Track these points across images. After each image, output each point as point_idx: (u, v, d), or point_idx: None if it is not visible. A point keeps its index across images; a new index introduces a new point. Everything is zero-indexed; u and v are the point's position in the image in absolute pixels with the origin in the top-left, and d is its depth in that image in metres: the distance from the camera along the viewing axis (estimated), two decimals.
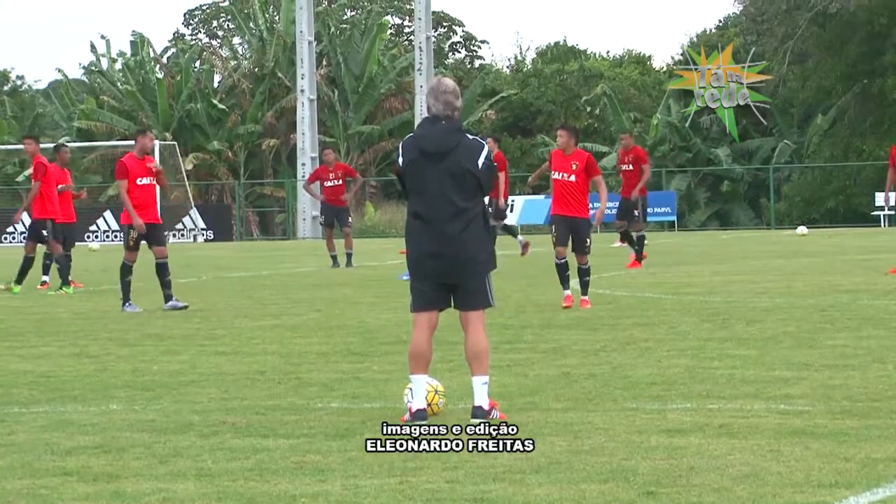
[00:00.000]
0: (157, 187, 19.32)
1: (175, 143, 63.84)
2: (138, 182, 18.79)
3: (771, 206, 59.89)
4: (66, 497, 7.06)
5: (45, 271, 23.94)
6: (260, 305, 19.22)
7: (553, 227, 17.37)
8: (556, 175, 17.28)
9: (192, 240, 58.20)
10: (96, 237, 55.82)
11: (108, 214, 57.29)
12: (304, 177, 56.19)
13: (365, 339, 14.21)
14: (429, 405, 9.09)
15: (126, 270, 18.79)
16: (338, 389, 10.64)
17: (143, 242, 18.93)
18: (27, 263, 22.76)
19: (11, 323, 17.32)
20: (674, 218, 57.33)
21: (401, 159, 9.21)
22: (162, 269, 18.85)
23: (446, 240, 9.08)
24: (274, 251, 43.54)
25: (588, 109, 70.09)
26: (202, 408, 9.90)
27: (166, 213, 58.08)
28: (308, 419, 9.24)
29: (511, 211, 57.76)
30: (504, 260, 30.63)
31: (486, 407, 8.98)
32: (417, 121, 60.78)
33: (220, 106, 69.61)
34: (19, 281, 22.66)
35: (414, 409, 8.98)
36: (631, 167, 26.60)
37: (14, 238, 58.50)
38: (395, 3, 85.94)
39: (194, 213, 59.48)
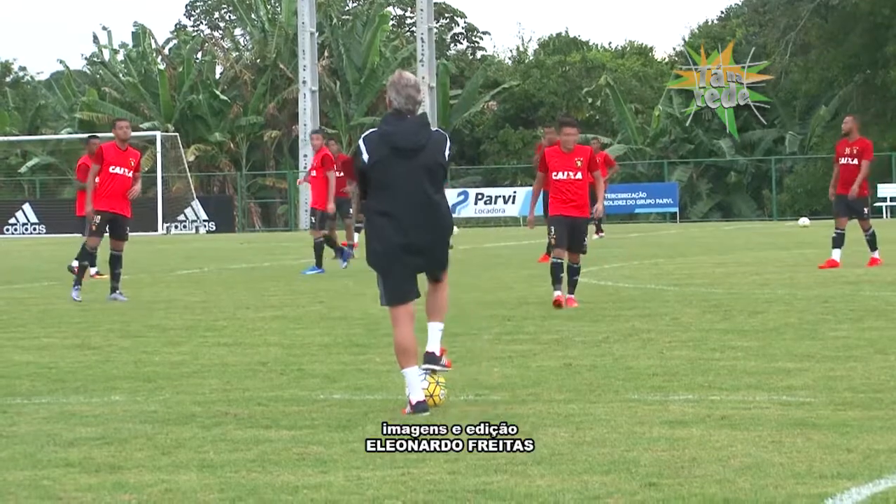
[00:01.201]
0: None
1: (177, 134, 63.86)
2: (111, 170, 18.92)
3: (773, 197, 59.89)
4: (68, 488, 7.06)
5: (93, 262, 24.35)
6: (262, 297, 19.22)
7: (553, 228, 16.46)
8: (559, 175, 16.32)
9: (194, 231, 58.20)
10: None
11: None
12: (305, 168, 56.17)
13: (367, 331, 14.21)
14: (430, 396, 9.10)
15: (85, 255, 18.91)
16: (340, 381, 10.64)
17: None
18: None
19: (14, 314, 17.33)
20: (676, 209, 57.33)
21: (366, 156, 9.15)
22: (114, 261, 19.03)
23: (419, 233, 9.17)
24: (277, 242, 43.54)
25: (590, 101, 70.13)
26: (204, 399, 9.90)
27: (168, 204, 58.26)
28: (310, 410, 9.25)
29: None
30: (505, 251, 30.59)
31: (438, 353, 9.26)
32: (419, 112, 60.80)
33: (222, 97, 69.61)
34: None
35: (414, 402, 8.99)
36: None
37: (16, 229, 58.54)
38: None
39: (196, 204, 59.49)
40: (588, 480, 6.93)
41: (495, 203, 57.97)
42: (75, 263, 24.41)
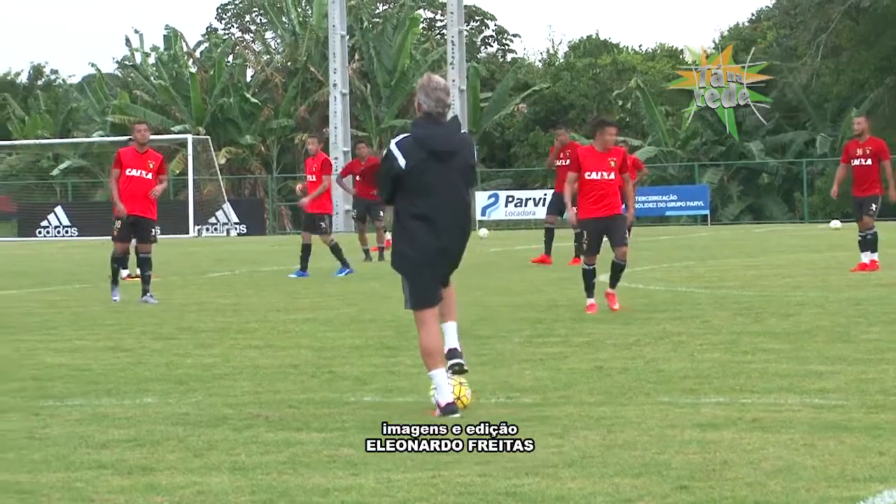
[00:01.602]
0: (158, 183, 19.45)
1: (208, 137, 64.02)
2: (127, 173, 19.03)
3: (804, 199, 59.71)
4: (101, 490, 7.10)
5: (124, 264, 24.75)
6: (293, 299, 19.26)
7: (585, 233, 16.14)
8: (592, 175, 15.94)
9: (225, 234, 58.35)
10: None
11: None
12: (336, 171, 56.24)
13: (398, 333, 14.22)
14: (457, 398, 9.12)
15: (114, 258, 19.17)
16: (371, 383, 10.66)
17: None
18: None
19: (46, 316, 17.41)
20: (707, 212, 57.24)
21: (402, 161, 9.19)
22: (143, 264, 19.18)
23: (453, 236, 9.27)
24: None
25: (620, 103, 70.03)
26: (236, 401, 9.93)
27: (200, 207, 58.39)
28: (341, 413, 9.27)
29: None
30: (535, 253, 30.54)
31: (459, 348, 9.38)
32: (449, 115, 60.78)
33: (253, 100, 69.80)
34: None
35: (443, 404, 9.01)
36: (569, 162, 25.93)
37: (48, 232, 58.80)
38: None
39: (227, 207, 59.65)
40: (619, 483, 6.93)
41: (525, 205, 57.98)
42: (127, 271, 24.74)
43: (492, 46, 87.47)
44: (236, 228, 58.66)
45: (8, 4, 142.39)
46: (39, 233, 58.84)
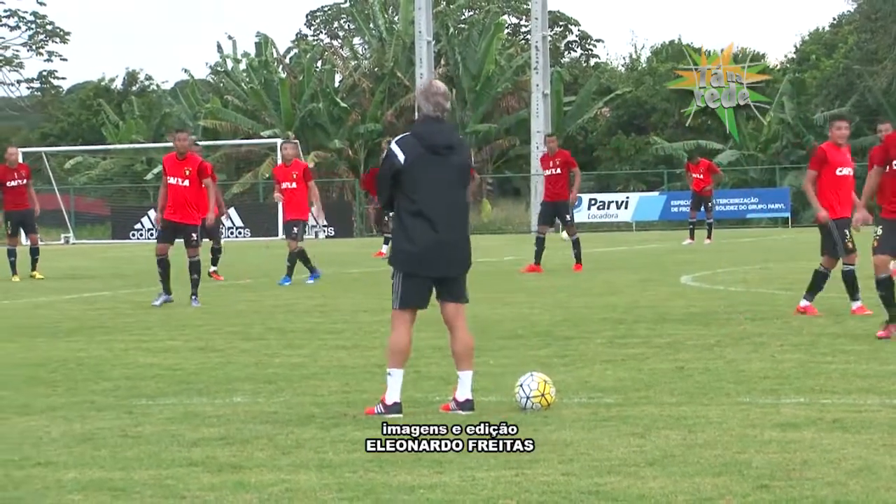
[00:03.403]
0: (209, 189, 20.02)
1: (297, 141, 64.45)
2: (169, 181, 19.42)
3: None
4: (191, 487, 7.23)
5: (214, 262, 25.76)
6: (379, 300, 19.40)
7: (845, 231, 15.48)
8: (842, 171, 15.94)
9: (313, 236, 58.76)
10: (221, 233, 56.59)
11: (231, 211, 57.99)
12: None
13: (481, 334, 14.30)
14: (542, 395, 9.28)
15: (157, 262, 19.59)
16: (455, 383, 10.76)
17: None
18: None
19: (139, 318, 17.69)
20: (788, 214, 56.84)
21: (401, 157, 9.35)
22: (190, 268, 19.56)
23: (451, 230, 9.37)
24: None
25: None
26: (323, 400, 10.08)
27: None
28: (426, 412, 9.39)
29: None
30: (616, 254, 30.49)
31: (471, 398, 9.41)
32: (534, 119, 60.89)
33: (341, 105, 70.11)
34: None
35: (390, 402, 9.28)
36: (559, 171, 25.71)
37: (141, 235, 59.41)
38: (513, 2, 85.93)
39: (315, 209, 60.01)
40: (700, 482, 6.99)
41: (608, 208, 57.97)
42: (213, 269, 25.26)
43: (575, 51, 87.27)
44: (325, 231, 59.02)
45: (103, 12, 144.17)
46: (133, 235, 59.45)
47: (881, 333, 13.03)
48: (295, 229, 24.07)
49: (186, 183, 19.37)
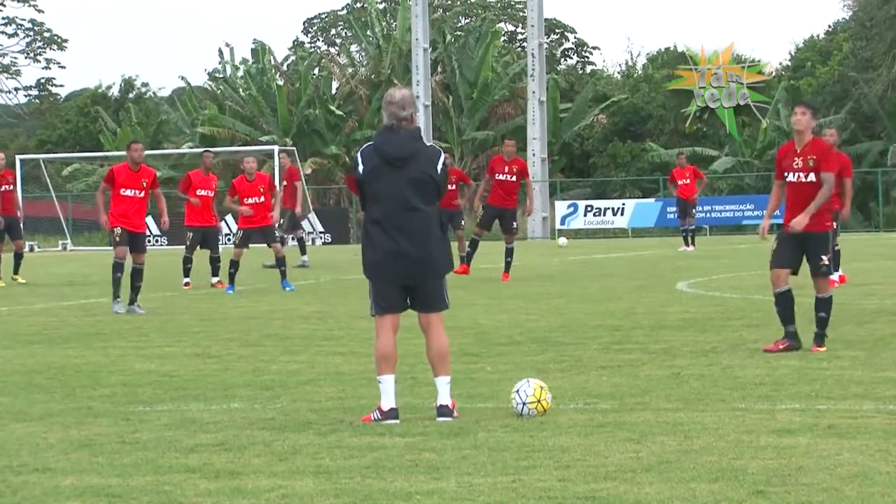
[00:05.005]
0: (159, 198, 20.18)
1: (294, 148, 64.49)
2: (122, 192, 19.57)
3: (880, 209, 59.22)
4: (188, 493, 7.25)
5: (215, 272, 25.44)
6: None
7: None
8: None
9: (310, 243, 58.76)
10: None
11: (229, 218, 57.98)
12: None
13: (478, 340, 14.35)
14: (538, 401, 9.30)
15: (114, 267, 19.75)
16: (452, 389, 10.76)
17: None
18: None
19: (136, 324, 17.69)
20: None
21: (361, 167, 9.48)
22: (135, 274, 19.67)
23: (407, 241, 9.40)
24: None
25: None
26: (320, 407, 10.10)
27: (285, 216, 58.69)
28: (423, 418, 9.41)
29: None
30: (612, 261, 30.52)
31: (450, 406, 9.42)
32: (530, 126, 60.95)
33: (338, 112, 70.16)
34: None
35: (386, 409, 9.30)
36: (514, 178, 25.37)
37: (156, 242, 59.37)
38: (509, 10, 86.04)
39: (313, 216, 60.01)
40: (696, 488, 7.01)
41: (604, 215, 58.02)
42: (215, 279, 25.19)
43: (571, 58, 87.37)
44: (321, 237, 59.03)
45: (99, 19, 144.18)
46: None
47: (768, 347, 12.81)
48: (280, 234, 24.55)
49: (142, 195, 19.64)
